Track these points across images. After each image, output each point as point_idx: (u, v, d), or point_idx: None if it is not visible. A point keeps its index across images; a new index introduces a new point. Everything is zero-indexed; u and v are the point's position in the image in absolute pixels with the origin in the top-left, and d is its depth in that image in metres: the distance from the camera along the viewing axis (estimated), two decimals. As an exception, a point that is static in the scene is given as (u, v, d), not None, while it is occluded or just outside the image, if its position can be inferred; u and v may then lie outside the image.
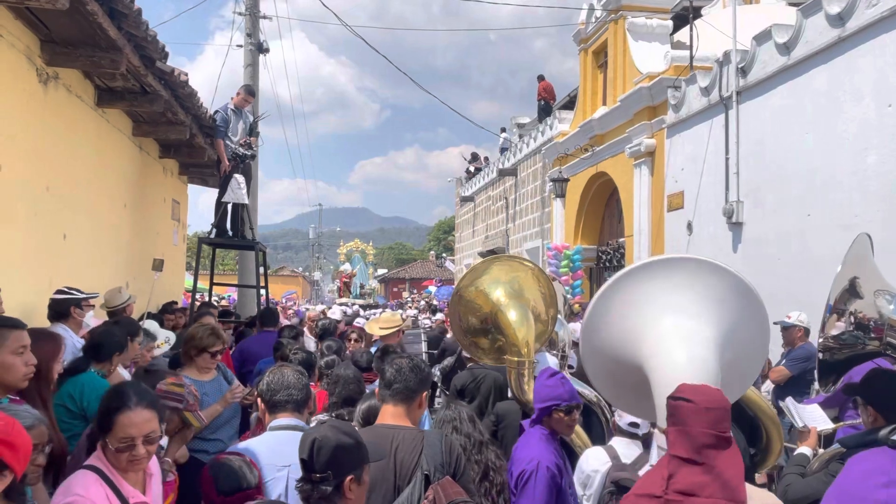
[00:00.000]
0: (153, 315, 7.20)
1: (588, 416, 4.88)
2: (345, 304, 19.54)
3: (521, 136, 22.53)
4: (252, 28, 11.58)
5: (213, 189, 10.31)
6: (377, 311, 16.55)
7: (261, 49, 11.64)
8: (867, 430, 3.04)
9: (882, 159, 7.11)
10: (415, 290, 39.56)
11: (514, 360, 4.41)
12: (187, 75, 7.13)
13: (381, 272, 49.45)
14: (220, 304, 14.52)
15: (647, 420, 3.28)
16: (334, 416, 3.72)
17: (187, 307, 8.79)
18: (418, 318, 15.55)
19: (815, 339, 4.56)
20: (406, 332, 7.30)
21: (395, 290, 46.96)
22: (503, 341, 4.66)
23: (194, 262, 9.54)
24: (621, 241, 13.82)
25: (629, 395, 2.96)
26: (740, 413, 3.82)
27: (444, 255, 50.35)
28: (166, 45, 6.26)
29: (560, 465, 3.17)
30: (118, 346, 3.99)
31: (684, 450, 2.02)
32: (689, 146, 10.90)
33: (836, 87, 7.78)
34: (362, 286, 28.35)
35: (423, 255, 65.76)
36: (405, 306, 25.53)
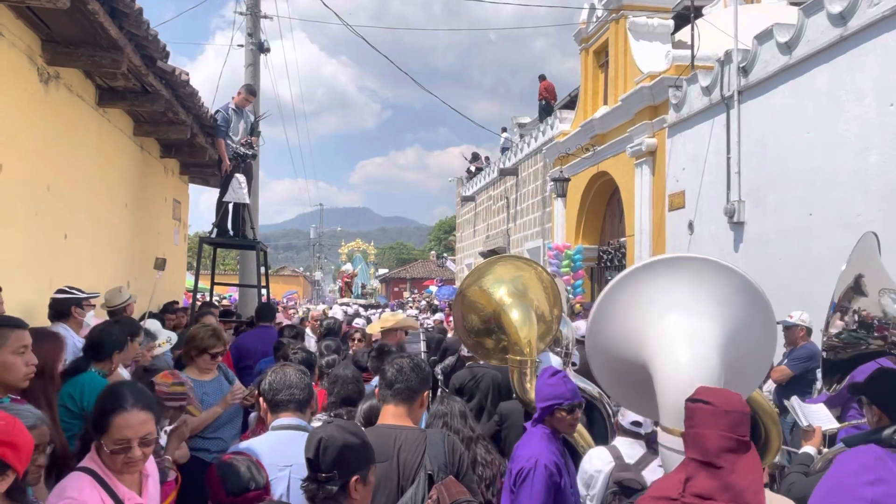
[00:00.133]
0: (154, 315, 7.20)
1: (590, 413, 4.88)
2: (345, 304, 19.55)
3: (521, 135, 22.52)
4: (253, 28, 11.58)
5: (214, 189, 10.31)
6: (376, 311, 16.58)
7: (262, 49, 11.63)
8: (871, 430, 3.03)
9: (884, 159, 7.10)
10: (416, 290, 39.57)
11: (517, 359, 4.40)
12: (188, 75, 7.13)
13: (381, 272, 49.45)
14: (221, 303, 14.53)
15: (651, 419, 3.27)
16: (332, 415, 3.72)
17: (188, 307, 8.78)
18: (419, 318, 15.55)
19: (818, 339, 4.56)
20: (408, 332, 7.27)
21: (395, 289, 46.96)
22: (507, 341, 4.66)
23: (195, 262, 9.53)
24: (622, 240, 13.80)
25: (634, 393, 2.95)
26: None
27: (444, 254, 50.36)
28: (167, 44, 6.25)
29: (560, 464, 3.16)
30: (118, 345, 3.94)
31: (702, 453, 1.98)
32: (690, 146, 10.89)
33: (838, 86, 7.77)
34: (364, 286, 28.34)
35: (423, 254, 65.76)
36: (406, 306, 25.53)
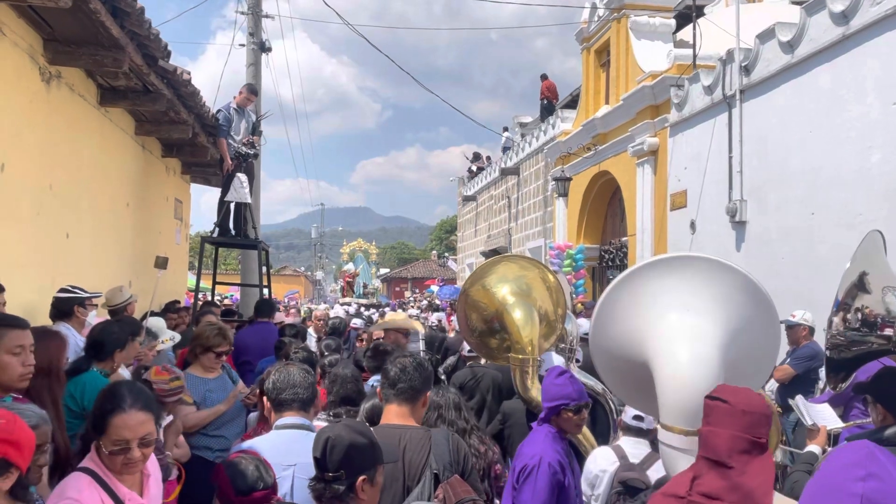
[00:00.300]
0: (156, 314, 7.19)
1: (593, 409, 4.88)
2: (347, 304, 19.56)
3: (523, 135, 22.51)
4: (254, 27, 11.57)
5: (216, 188, 10.30)
6: (374, 311, 16.64)
7: (263, 48, 11.62)
8: (875, 429, 3.03)
9: (886, 158, 7.09)
10: (417, 290, 39.58)
11: (519, 357, 4.40)
12: (190, 74, 7.12)
13: (383, 272, 49.47)
14: (222, 303, 14.53)
15: (653, 416, 3.27)
16: (332, 414, 3.72)
17: (190, 306, 8.78)
18: (419, 318, 15.56)
19: (820, 338, 4.55)
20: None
21: (397, 289, 46.97)
22: (509, 340, 4.67)
23: (196, 262, 9.53)
24: (624, 240, 13.79)
25: (637, 391, 2.97)
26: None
27: (446, 254, 50.37)
28: (169, 44, 6.25)
29: (564, 464, 3.15)
30: (119, 344, 3.92)
31: (714, 452, 1.97)
32: (692, 145, 10.87)
33: (840, 85, 7.76)
34: (365, 286, 28.37)
35: (425, 254, 65.77)
36: (407, 306, 25.53)
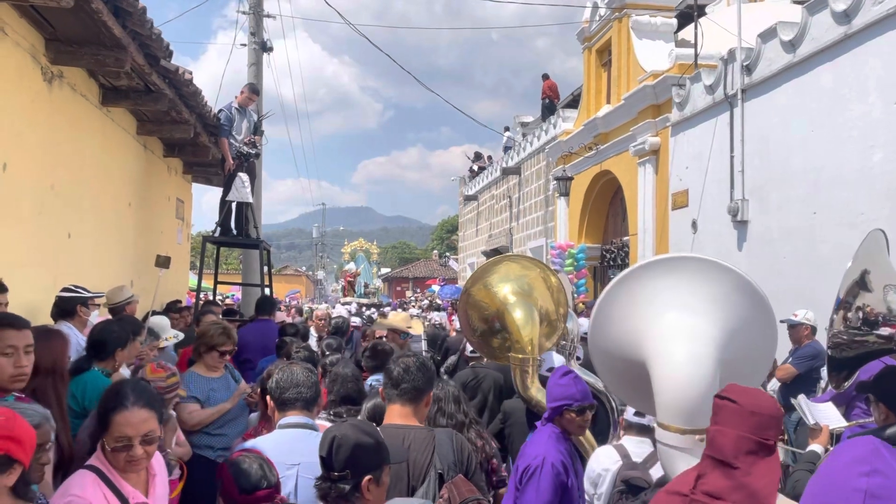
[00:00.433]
0: (159, 313, 7.19)
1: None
2: (347, 304, 19.58)
3: (524, 134, 22.51)
4: (256, 27, 11.57)
5: (218, 188, 10.30)
6: (375, 310, 16.66)
7: (264, 48, 11.62)
8: (878, 428, 3.03)
9: (888, 157, 7.09)
10: (418, 290, 39.59)
11: (519, 357, 4.40)
12: (192, 74, 7.12)
13: (384, 271, 49.49)
14: (224, 302, 14.53)
15: (650, 415, 3.26)
16: (332, 413, 3.72)
17: (191, 306, 8.78)
18: (421, 317, 15.56)
19: (823, 337, 4.54)
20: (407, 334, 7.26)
21: (398, 289, 46.98)
22: (510, 339, 4.67)
23: (198, 261, 9.54)
24: (625, 239, 13.79)
25: (635, 390, 2.98)
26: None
27: (447, 254, 50.38)
28: (170, 43, 6.25)
29: (567, 464, 3.14)
30: (120, 343, 3.90)
31: (720, 451, 1.96)
32: (693, 144, 10.87)
33: (842, 84, 7.75)
34: (366, 285, 28.40)
35: (426, 254, 65.78)
36: (408, 305, 25.54)
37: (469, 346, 5.96)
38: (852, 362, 3.08)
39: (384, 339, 6.95)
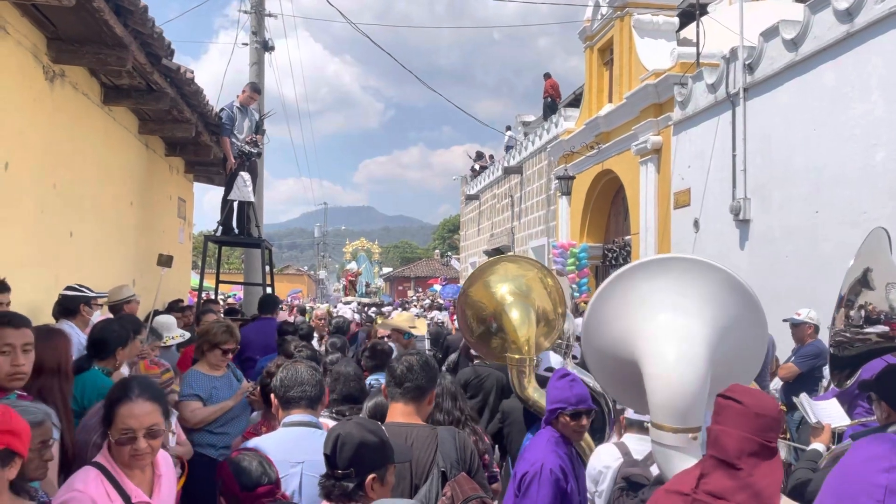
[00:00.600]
0: (162, 313, 7.19)
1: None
2: (348, 303, 19.59)
3: (526, 133, 22.50)
4: (257, 26, 11.57)
5: (219, 187, 10.30)
6: (375, 310, 16.69)
7: (266, 47, 11.62)
8: (880, 426, 3.03)
9: (890, 155, 7.07)
10: (420, 289, 39.60)
11: (515, 357, 4.40)
12: (193, 73, 7.12)
13: (386, 271, 49.51)
14: (226, 302, 14.53)
15: (644, 414, 3.26)
16: (335, 412, 3.72)
17: (193, 305, 8.79)
18: (423, 317, 15.57)
19: (825, 336, 4.54)
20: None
21: (400, 288, 47.01)
22: (506, 339, 4.66)
23: (199, 261, 9.54)
24: (627, 238, 13.78)
25: (629, 390, 3.00)
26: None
27: (449, 253, 50.40)
28: (172, 42, 6.25)
29: (567, 469, 3.08)
30: (120, 341, 3.87)
31: (724, 451, 1.95)
32: (695, 143, 10.86)
33: (844, 83, 7.74)
34: (368, 285, 28.42)
35: (427, 253, 65.79)
36: (409, 305, 25.54)
37: (472, 344, 5.97)
38: (854, 361, 3.08)
39: (386, 339, 6.96)
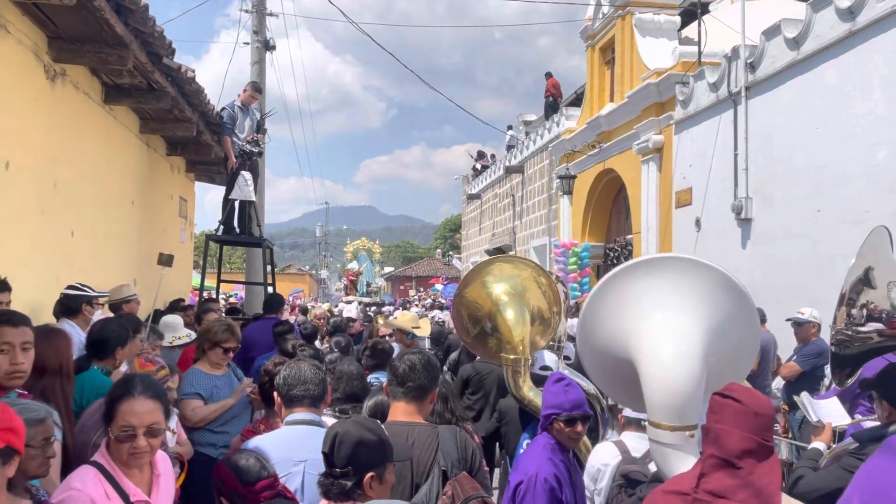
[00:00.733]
0: (163, 312, 7.19)
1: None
2: (349, 302, 19.59)
3: (527, 133, 22.49)
4: (259, 25, 11.57)
5: (221, 187, 10.31)
6: (373, 309, 16.70)
7: (267, 46, 11.62)
8: (881, 425, 3.02)
9: (892, 154, 7.06)
10: (421, 289, 39.61)
11: (510, 357, 4.40)
12: (194, 72, 7.12)
13: (387, 270, 49.52)
14: (228, 301, 14.54)
15: (640, 413, 3.25)
16: (338, 411, 3.72)
17: (195, 305, 8.79)
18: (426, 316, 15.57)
19: (827, 335, 4.52)
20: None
21: (401, 287, 47.03)
22: (501, 339, 4.66)
23: (201, 260, 9.54)
24: (629, 238, 13.77)
25: (624, 389, 3.00)
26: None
27: (450, 253, 50.42)
28: (172, 41, 6.25)
29: (562, 477, 3.01)
30: (120, 341, 3.84)
31: (725, 451, 1.95)
32: (697, 142, 10.84)
33: (846, 81, 7.73)
34: (369, 284, 28.43)
35: (429, 253, 65.79)
36: (411, 304, 25.55)
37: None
38: (855, 359, 3.07)
39: (387, 337, 6.97)
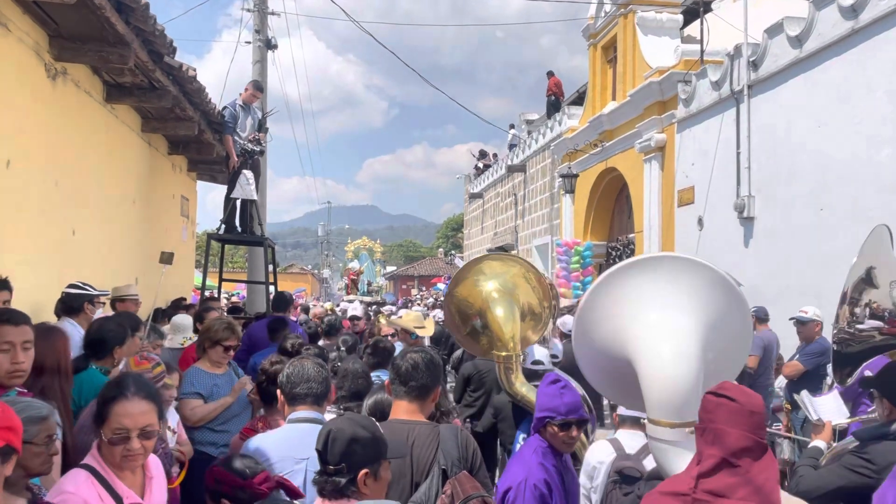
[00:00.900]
0: (165, 312, 7.20)
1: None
2: (350, 301, 19.59)
3: (529, 132, 22.47)
4: (260, 24, 11.57)
5: (222, 186, 10.31)
6: (373, 307, 16.71)
7: (269, 45, 11.61)
8: (882, 423, 3.01)
9: (895, 152, 7.03)
10: (423, 288, 39.60)
11: (502, 354, 4.40)
12: (196, 71, 7.12)
13: (389, 270, 49.52)
14: (230, 300, 14.55)
15: (638, 412, 3.24)
16: (343, 409, 3.71)
17: (196, 304, 8.79)
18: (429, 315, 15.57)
19: (829, 334, 4.51)
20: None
21: (404, 287, 47.03)
22: (492, 337, 4.67)
23: (203, 259, 9.55)
24: (631, 236, 13.75)
25: (622, 387, 3.00)
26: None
27: (452, 252, 50.39)
28: (174, 40, 6.25)
29: (552, 482, 2.93)
30: (118, 340, 3.81)
31: (720, 450, 1.95)
32: (699, 141, 10.82)
33: (849, 79, 7.70)
34: (370, 283, 28.42)
35: (431, 252, 65.79)
36: (413, 304, 25.55)
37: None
38: (856, 358, 3.06)
39: (390, 337, 6.97)
